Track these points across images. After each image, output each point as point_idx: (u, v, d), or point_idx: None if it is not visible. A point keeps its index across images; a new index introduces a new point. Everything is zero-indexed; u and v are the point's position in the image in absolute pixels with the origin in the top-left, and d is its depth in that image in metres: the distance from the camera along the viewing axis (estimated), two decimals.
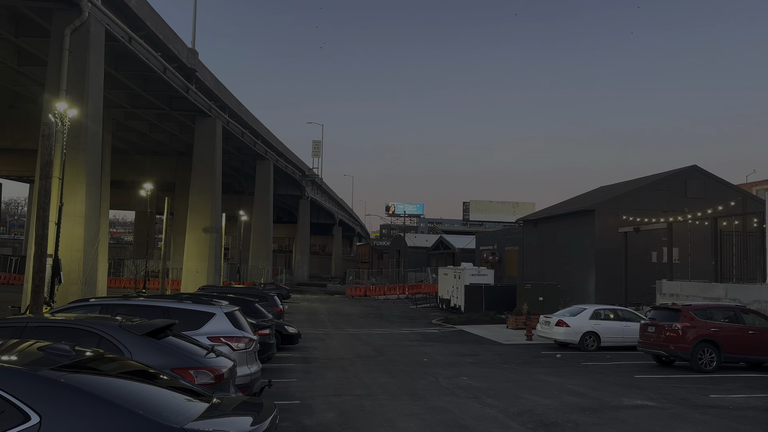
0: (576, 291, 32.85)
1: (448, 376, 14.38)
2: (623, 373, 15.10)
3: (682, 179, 32.49)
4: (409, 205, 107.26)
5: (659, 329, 16.20)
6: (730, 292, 21.33)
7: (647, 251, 31.03)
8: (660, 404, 11.19)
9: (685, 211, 28.84)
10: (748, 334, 15.81)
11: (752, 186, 70.61)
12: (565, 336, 20.06)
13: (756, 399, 11.87)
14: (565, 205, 38.66)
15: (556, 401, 11.38)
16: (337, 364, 16.32)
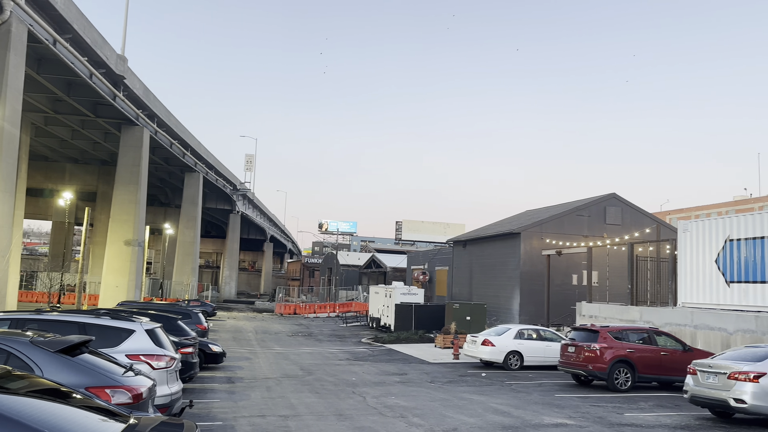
0: (502, 311, 33.73)
1: (376, 395, 14.36)
2: (544, 392, 15.57)
3: (601, 206, 34.19)
4: (343, 223, 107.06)
5: (578, 349, 16.85)
6: (645, 314, 22.51)
7: (569, 274, 32.35)
8: (578, 423, 11.60)
9: (604, 237, 30.34)
10: (661, 355, 16.69)
11: (666, 214, 75.30)
12: (490, 355, 20.51)
13: (666, 417, 12.52)
14: (493, 228, 39.77)
15: (480, 420, 11.58)
16: (263, 383, 15.96)
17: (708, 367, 12.30)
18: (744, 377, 11.47)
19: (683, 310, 20.77)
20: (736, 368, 11.72)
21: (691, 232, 21.22)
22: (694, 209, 75.91)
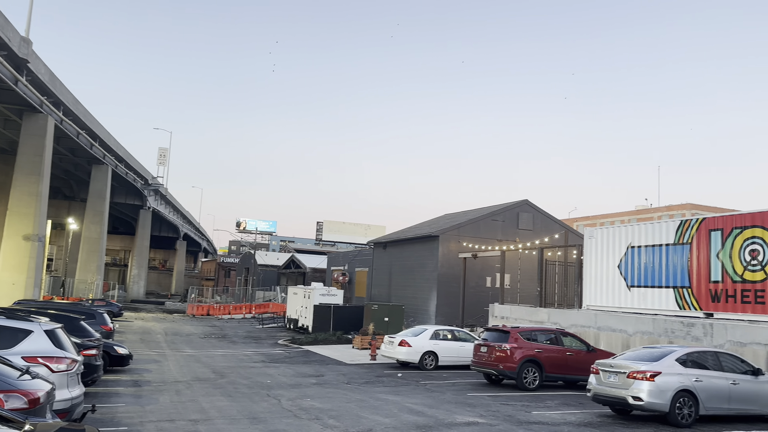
0: (419, 312, 34.28)
1: (292, 397, 14.16)
2: (458, 392, 15.95)
3: (515, 212, 35.53)
4: (262, 222, 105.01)
5: (490, 349, 17.40)
6: (552, 316, 23.58)
7: (483, 276, 33.37)
8: (489, 421, 11.96)
9: (516, 241, 31.57)
10: (566, 355, 17.53)
11: (574, 221, 79.38)
12: (406, 356, 20.77)
13: (571, 415, 13.14)
14: (413, 230, 40.37)
15: (395, 420, 11.69)
16: (172, 387, 15.34)
17: (609, 366, 13.04)
18: (641, 376, 12.25)
19: (588, 313, 21.93)
20: (634, 368, 12.49)
21: (596, 238, 22.45)
22: (600, 217, 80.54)
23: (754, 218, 17.08)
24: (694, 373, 12.50)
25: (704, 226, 18.46)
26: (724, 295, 17.56)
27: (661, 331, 18.81)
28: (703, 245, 18.36)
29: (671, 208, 72.63)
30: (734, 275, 17.32)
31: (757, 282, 16.68)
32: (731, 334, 16.80)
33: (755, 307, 16.65)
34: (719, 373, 12.75)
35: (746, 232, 17.18)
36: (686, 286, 18.74)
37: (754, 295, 16.74)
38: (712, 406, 12.43)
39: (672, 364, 12.48)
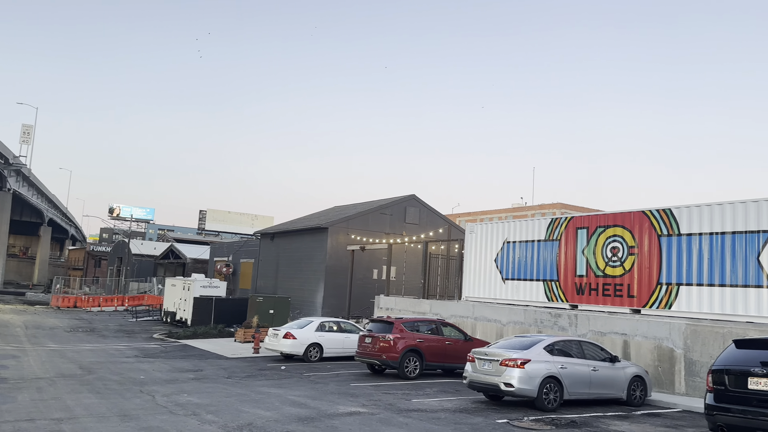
0: (306, 304, 34.06)
1: (167, 393, 13.50)
2: (341, 382, 16.04)
3: (402, 206, 36.30)
4: (138, 209, 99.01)
5: (375, 340, 17.67)
6: (434, 307, 24.40)
7: (370, 268, 33.80)
8: (371, 410, 12.14)
9: (403, 235, 32.29)
10: (446, 344, 18.20)
11: (457, 217, 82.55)
12: (291, 348, 20.56)
13: (448, 402, 13.66)
14: (302, 221, 40.00)
15: (276, 413, 11.52)
16: (33, 384, 14.06)
17: (484, 355, 13.71)
18: (513, 364, 13.00)
19: (466, 304, 22.93)
20: (506, 356, 13.23)
21: (476, 233, 23.51)
22: (480, 213, 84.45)
23: (616, 218, 18.70)
24: (560, 361, 13.46)
25: (572, 225, 19.93)
26: (587, 288, 19.08)
27: (531, 321, 20.08)
28: (571, 242, 19.83)
29: (544, 206, 77.67)
30: (597, 270, 18.87)
31: (616, 276, 18.29)
32: (593, 324, 18.30)
33: (614, 299, 18.25)
34: (582, 361, 13.83)
35: (608, 231, 18.77)
36: (555, 279, 20.15)
37: (613, 288, 18.34)
38: (575, 391, 13.46)
39: (540, 352, 13.36)
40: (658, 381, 16.17)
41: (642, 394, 14.40)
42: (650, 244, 17.45)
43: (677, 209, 17.00)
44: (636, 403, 14.19)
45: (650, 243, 17.46)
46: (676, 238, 16.84)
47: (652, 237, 17.43)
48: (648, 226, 17.60)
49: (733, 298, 15.34)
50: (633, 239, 17.95)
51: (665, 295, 16.83)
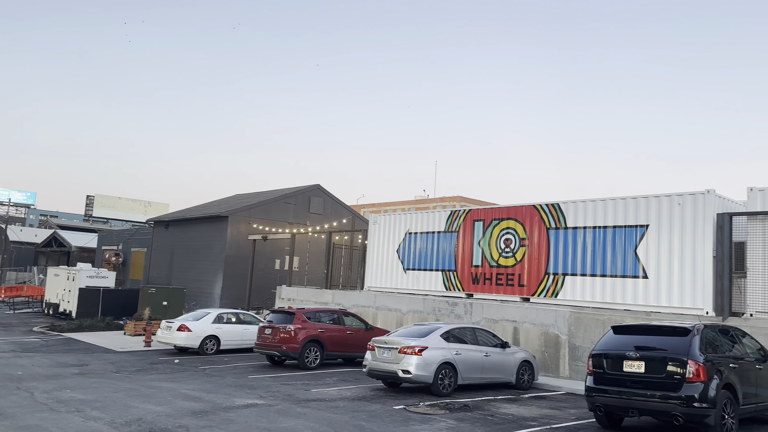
0: (203, 295, 32.94)
1: (48, 389, 12.58)
2: (238, 375, 15.69)
3: (306, 195, 35.98)
4: (17, 192, 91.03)
5: (275, 331, 17.43)
6: (337, 297, 24.44)
7: (272, 258, 33.27)
8: (268, 402, 11.97)
9: (307, 225, 32.03)
10: (347, 333, 18.30)
11: (361, 208, 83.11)
12: (185, 341, 19.82)
13: (347, 390, 13.75)
14: (200, 209, 38.56)
15: (168, 407, 11.07)
16: None
17: (384, 343, 13.93)
18: (411, 351, 13.30)
19: (369, 294, 23.17)
20: (405, 343, 13.52)
21: (379, 224, 23.79)
22: (384, 204, 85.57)
23: (509, 212, 19.59)
24: (455, 347, 13.94)
25: (469, 217, 20.67)
26: (482, 278, 19.88)
27: (430, 309, 20.64)
28: (468, 234, 20.55)
29: (445, 199, 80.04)
30: (491, 260, 19.70)
31: (509, 267, 19.18)
32: (486, 312, 19.11)
33: (506, 288, 19.15)
34: (476, 347, 14.41)
35: (502, 224, 19.63)
36: (452, 269, 20.82)
37: (506, 278, 19.23)
38: (468, 376, 14.01)
39: (437, 339, 13.77)
40: (544, 365, 17.18)
41: (530, 378, 15.24)
42: (540, 237, 18.45)
43: (564, 204, 18.08)
44: (524, 387, 15.00)
45: (540, 235, 18.46)
46: (563, 231, 17.92)
47: (542, 230, 18.43)
48: (538, 220, 18.59)
49: (613, 287, 16.57)
50: (524, 232, 18.89)
51: (552, 284, 17.88)
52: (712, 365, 9.22)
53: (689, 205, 15.33)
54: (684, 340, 9.39)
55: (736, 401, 9.43)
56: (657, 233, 15.80)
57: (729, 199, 15.80)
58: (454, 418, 10.85)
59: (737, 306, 14.47)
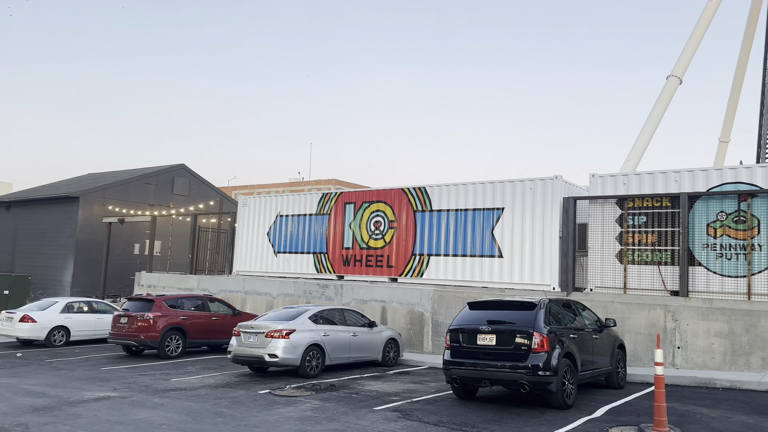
0: (51, 283, 30.18)
1: None
2: (90, 367, 14.59)
3: (170, 176, 34.09)
4: None
5: (132, 320, 16.40)
6: (202, 282, 23.52)
7: (131, 243, 31.24)
8: (122, 394, 11.25)
9: (170, 207, 30.37)
10: (212, 320, 17.68)
11: (233, 189, 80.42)
12: (29, 332, 18.07)
13: (210, 378, 13.30)
14: (47, 189, 35.13)
15: (7, 405, 10.02)
16: None
17: (250, 328, 13.63)
18: (278, 335, 13.15)
19: (237, 278, 22.55)
20: (272, 327, 13.33)
21: (249, 206, 23.16)
22: (257, 186, 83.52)
23: (379, 194, 19.94)
24: (324, 329, 14.01)
25: (341, 200, 20.76)
26: (353, 260, 20.11)
27: (301, 292, 20.54)
28: (339, 216, 20.66)
29: (320, 182, 79.77)
30: (362, 243, 19.97)
31: (378, 248, 19.57)
32: (356, 293, 19.38)
33: (376, 269, 19.53)
34: (344, 327, 14.58)
35: (373, 206, 19.95)
36: (324, 252, 20.84)
37: (375, 259, 19.61)
38: (336, 356, 14.15)
39: (305, 321, 13.74)
40: (410, 342, 17.82)
41: (395, 355, 15.73)
42: (407, 219, 19.00)
43: (430, 187, 18.75)
44: (390, 364, 15.46)
45: (407, 218, 19.01)
46: (428, 213, 18.59)
47: (409, 212, 18.99)
48: (406, 203, 19.12)
49: (472, 266, 17.50)
50: (393, 214, 19.35)
51: (418, 264, 18.53)
52: (555, 336, 10.05)
53: (539, 190, 16.54)
54: (530, 314, 10.14)
55: (575, 368, 10.37)
56: (511, 215, 16.89)
57: (574, 184, 17.26)
58: (320, 399, 10.91)
59: (580, 282, 15.93)
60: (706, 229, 14.05)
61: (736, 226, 13.73)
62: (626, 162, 23.81)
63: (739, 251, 13.63)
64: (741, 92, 31.61)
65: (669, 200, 14.57)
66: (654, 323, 14.13)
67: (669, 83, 24.51)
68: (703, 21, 25.24)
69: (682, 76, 24.57)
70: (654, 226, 14.73)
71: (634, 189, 15.21)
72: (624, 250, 15.00)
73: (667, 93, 24.43)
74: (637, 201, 15.00)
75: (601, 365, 11.49)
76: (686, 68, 24.68)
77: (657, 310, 14.16)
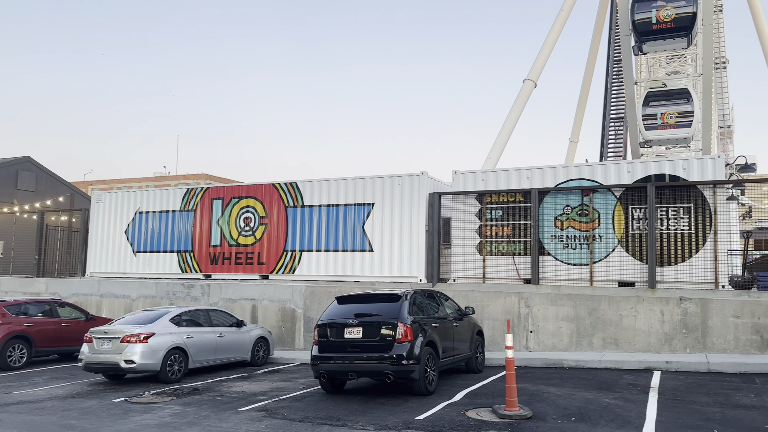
0: None
1: None
2: None
3: (13, 170, 30.80)
4: None
5: None
6: (51, 286, 21.53)
7: None
8: None
9: (14, 203, 27.44)
10: (62, 326, 16.24)
11: (89, 184, 74.49)
12: None
13: (59, 389, 12.22)
14: None
15: None
16: None
17: (104, 333, 12.69)
18: (135, 339, 12.37)
19: (91, 280, 20.91)
20: (129, 331, 12.51)
21: (104, 202, 21.55)
22: (118, 181, 78.03)
23: (249, 190, 19.43)
24: (187, 331, 13.40)
25: (208, 195, 19.97)
26: (221, 258, 19.43)
27: (163, 293, 19.49)
28: (206, 212, 19.86)
29: (188, 177, 76.19)
30: (231, 240, 19.35)
31: (248, 245, 19.07)
32: (225, 292, 18.76)
33: (246, 267, 19.03)
34: (209, 329, 14.04)
35: (242, 202, 19.40)
36: (189, 250, 19.94)
37: (245, 257, 19.10)
38: (201, 359, 13.60)
39: (166, 324, 13.05)
40: (282, 340, 17.59)
41: (265, 354, 15.45)
42: (279, 215, 18.71)
43: (302, 183, 18.60)
44: (260, 363, 15.16)
45: (279, 214, 18.72)
46: (300, 209, 18.44)
47: (281, 208, 18.71)
48: (277, 198, 18.82)
49: (344, 261, 17.63)
50: (264, 210, 18.96)
51: (290, 261, 18.32)
52: (418, 326, 10.41)
53: (407, 186, 17.03)
54: (395, 306, 10.41)
55: (437, 356, 10.81)
56: (381, 210, 17.23)
57: (439, 180, 17.97)
58: (181, 404, 10.42)
59: (444, 273, 16.63)
60: (554, 222, 15.27)
61: (580, 219, 15.07)
62: (487, 159, 25.26)
63: (582, 242, 14.97)
64: (588, 96, 34.80)
65: (522, 195, 15.64)
66: (509, 310, 15.13)
67: (525, 86, 26.32)
68: (555, 30, 27.39)
69: (537, 80, 26.49)
70: (509, 219, 15.74)
71: (491, 185, 16.15)
72: (483, 242, 15.89)
73: (524, 95, 26.23)
74: (494, 196, 15.94)
75: (461, 351, 12.09)
76: (540, 73, 26.64)
77: (512, 297, 15.17)
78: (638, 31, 22.31)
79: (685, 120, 23.34)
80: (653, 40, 22.67)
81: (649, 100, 24.16)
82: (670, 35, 22.28)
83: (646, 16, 22.16)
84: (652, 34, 22.33)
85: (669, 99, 23.82)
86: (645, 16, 22.17)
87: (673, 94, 23.89)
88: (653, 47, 23.33)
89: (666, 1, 21.95)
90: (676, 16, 21.88)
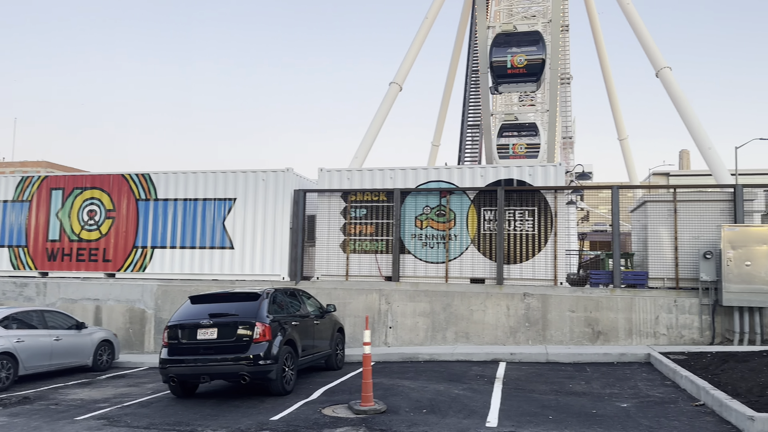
0: None
1: None
2: None
3: None
4: None
5: None
6: None
7: None
8: None
9: None
10: None
11: None
12: None
13: None
14: None
15: None
16: None
17: None
18: None
19: None
20: None
21: None
22: None
23: (94, 180, 17.88)
24: (17, 334, 12.06)
25: (46, 185, 18.09)
26: (60, 254, 17.69)
27: None
28: (44, 204, 17.98)
29: (26, 164, 68.57)
30: (72, 234, 17.68)
31: (92, 241, 17.54)
32: (64, 292, 17.11)
33: (89, 264, 17.48)
34: (45, 331, 12.73)
35: (86, 193, 17.80)
36: (23, 245, 17.94)
37: (88, 253, 17.54)
38: (34, 365, 12.29)
39: None
40: (129, 343, 16.40)
41: (109, 358, 14.31)
42: (128, 208, 17.41)
43: (155, 175, 17.47)
44: (103, 368, 14.01)
45: (128, 207, 17.42)
46: (153, 202, 17.30)
47: (131, 201, 17.43)
48: (127, 190, 17.50)
49: (202, 258, 16.82)
50: (111, 203, 17.55)
51: (140, 258, 17.13)
52: (278, 325, 10.19)
53: (272, 182, 16.65)
54: (254, 305, 10.11)
55: (296, 354, 10.66)
56: (243, 206, 16.69)
57: (305, 177, 17.80)
58: (8, 414, 9.30)
59: (308, 271, 16.51)
60: (415, 222, 15.77)
61: (438, 219, 15.70)
62: (354, 158, 25.51)
63: (439, 241, 15.60)
64: (450, 102, 36.45)
65: (385, 195, 15.97)
66: (371, 306, 15.37)
67: (391, 89, 26.95)
68: (420, 36, 28.32)
69: (402, 84, 27.23)
70: (373, 218, 15.99)
71: (356, 184, 16.30)
72: (347, 240, 15.99)
73: (390, 98, 26.84)
74: (359, 195, 16.10)
75: (321, 349, 12.05)
76: (405, 77, 27.41)
77: (373, 294, 15.43)
78: (495, 73, 24.17)
79: (533, 151, 25.77)
80: (507, 83, 24.75)
81: (502, 131, 26.30)
82: (522, 80, 24.45)
83: (502, 59, 24.05)
84: (507, 78, 24.37)
85: (519, 132, 26.12)
86: (501, 59, 24.05)
87: (523, 127, 26.27)
88: (508, 89, 25.61)
89: (518, 48, 23.99)
90: (527, 62, 23.96)
